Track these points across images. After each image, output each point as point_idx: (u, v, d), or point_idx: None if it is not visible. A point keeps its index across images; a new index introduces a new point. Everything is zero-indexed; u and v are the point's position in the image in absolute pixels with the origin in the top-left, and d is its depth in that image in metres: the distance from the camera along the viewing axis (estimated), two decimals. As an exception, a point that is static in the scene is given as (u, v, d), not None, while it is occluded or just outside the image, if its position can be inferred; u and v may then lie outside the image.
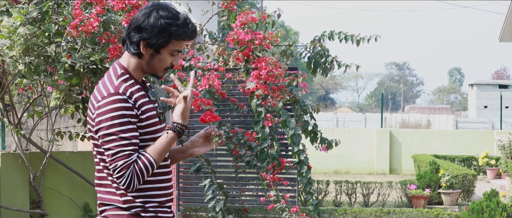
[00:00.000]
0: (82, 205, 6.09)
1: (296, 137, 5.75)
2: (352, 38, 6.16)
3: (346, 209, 8.26)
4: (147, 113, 2.44)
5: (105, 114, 2.36)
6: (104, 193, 2.47)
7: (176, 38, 2.42)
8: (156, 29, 2.39)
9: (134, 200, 2.44)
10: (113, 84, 2.41)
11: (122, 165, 2.35)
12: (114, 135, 2.35)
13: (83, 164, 6.10)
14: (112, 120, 2.35)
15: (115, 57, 5.02)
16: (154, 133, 2.45)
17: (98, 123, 2.38)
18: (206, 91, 5.82)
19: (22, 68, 5.01)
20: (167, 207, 2.52)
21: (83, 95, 5.61)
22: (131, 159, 2.36)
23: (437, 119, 27.77)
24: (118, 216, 2.44)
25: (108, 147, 2.36)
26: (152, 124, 2.45)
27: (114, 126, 2.35)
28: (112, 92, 2.38)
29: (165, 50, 2.44)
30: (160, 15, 2.40)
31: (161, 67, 2.48)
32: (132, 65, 2.48)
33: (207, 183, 5.45)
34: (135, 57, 2.46)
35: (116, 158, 2.36)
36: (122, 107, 2.36)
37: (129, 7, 5.22)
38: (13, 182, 5.71)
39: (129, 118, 2.37)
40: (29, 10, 4.97)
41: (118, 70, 2.46)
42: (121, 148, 2.35)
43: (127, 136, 2.36)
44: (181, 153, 2.61)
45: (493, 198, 6.49)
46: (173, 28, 2.40)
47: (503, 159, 13.84)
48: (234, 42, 5.86)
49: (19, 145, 5.65)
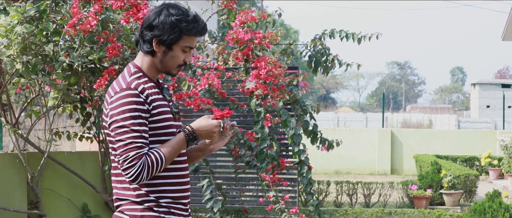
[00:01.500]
0: (80, 205, 6.05)
1: (297, 137, 5.70)
2: (353, 36, 6.11)
3: (347, 210, 8.20)
4: (159, 109, 2.50)
5: (117, 108, 2.44)
6: (120, 188, 2.53)
7: (187, 34, 2.51)
8: (167, 26, 2.49)
9: (147, 195, 2.50)
10: (126, 80, 2.50)
11: (134, 156, 2.41)
12: (125, 127, 2.43)
13: (81, 164, 6.05)
14: (123, 113, 2.43)
15: (114, 56, 4.98)
16: (167, 128, 2.52)
17: (111, 117, 2.46)
18: (205, 91, 5.77)
19: (19, 67, 4.96)
20: (182, 203, 2.57)
21: (82, 95, 5.57)
22: (142, 151, 2.43)
23: (439, 119, 27.73)
24: (132, 211, 2.50)
25: (120, 139, 2.44)
26: (165, 119, 2.51)
27: (126, 119, 2.43)
28: (124, 87, 2.47)
29: (177, 46, 2.52)
30: (170, 13, 2.50)
31: (174, 64, 2.56)
32: (146, 64, 2.56)
33: (205, 183, 5.41)
34: (148, 56, 2.55)
35: (127, 149, 2.42)
36: (134, 101, 2.44)
37: (128, 6, 5.18)
38: (11, 183, 5.66)
39: (140, 112, 2.45)
40: (26, 9, 4.93)
41: (132, 69, 2.55)
42: (133, 139, 2.42)
43: (138, 129, 2.43)
44: (200, 151, 2.70)
45: (495, 199, 6.44)
46: (183, 24, 2.49)
47: (506, 159, 13.78)
48: (233, 41, 5.82)
49: (17, 145, 5.60)
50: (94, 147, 6.42)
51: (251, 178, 7.75)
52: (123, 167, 2.43)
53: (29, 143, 5.81)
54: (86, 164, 6.09)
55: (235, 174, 7.24)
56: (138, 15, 5.11)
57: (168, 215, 2.51)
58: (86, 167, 6.07)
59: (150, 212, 2.49)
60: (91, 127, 5.92)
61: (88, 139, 6.10)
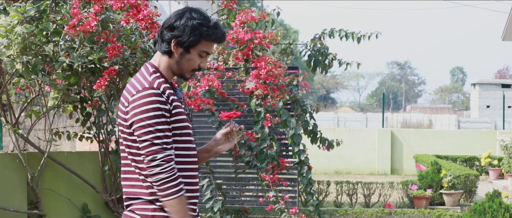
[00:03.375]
0: (80, 205, 6.05)
1: (297, 137, 5.70)
2: (353, 35, 6.11)
3: (347, 210, 8.20)
4: (177, 109, 2.54)
5: (141, 107, 2.45)
6: (130, 186, 2.54)
7: (206, 39, 2.54)
8: (188, 28, 2.52)
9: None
10: (147, 79, 2.51)
11: (163, 158, 2.43)
12: (150, 127, 2.44)
13: (81, 164, 6.05)
14: (148, 112, 2.44)
15: (114, 56, 4.98)
16: (183, 128, 2.55)
17: (134, 116, 2.46)
18: (206, 91, 5.77)
19: (19, 68, 4.96)
20: (192, 203, 2.58)
21: (82, 95, 5.57)
22: (169, 153, 2.44)
23: (439, 119, 27.73)
24: (144, 210, 2.50)
25: (145, 139, 2.44)
26: (181, 120, 2.55)
27: (150, 118, 2.44)
28: (147, 86, 2.48)
29: (195, 50, 2.55)
30: (192, 16, 2.54)
31: (189, 67, 2.58)
32: (163, 65, 2.58)
33: (205, 183, 5.41)
34: (165, 56, 2.57)
35: (154, 149, 2.43)
36: (157, 100, 2.46)
37: (128, 6, 5.18)
38: (11, 183, 5.66)
39: (163, 111, 2.47)
40: (26, 9, 4.93)
41: (150, 68, 2.56)
42: (158, 139, 2.44)
43: (163, 129, 2.45)
44: (206, 152, 2.72)
45: (495, 199, 6.44)
46: (204, 28, 2.53)
47: (506, 159, 13.78)
48: (233, 41, 5.82)
49: (17, 145, 5.60)
50: (94, 147, 6.41)
51: (251, 178, 7.74)
52: (149, 164, 2.43)
53: (29, 143, 5.81)
54: (86, 164, 6.08)
55: (235, 174, 7.24)
56: (138, 16, 5.11)
57: None
58: (86, 167, 6.07)
59: (161, 212, 2.49)
60: (91, 127, 5.92)
61: (88, 139, 6.10)
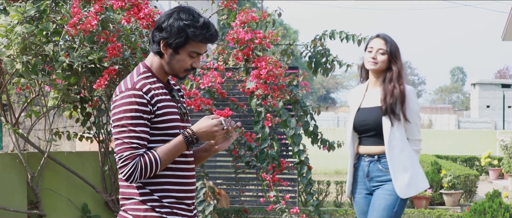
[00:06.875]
0: (80, 205, 6.04)
1: (297, 137, 5.69)
2: (354, 37, 6.11)
3: (347, 210, 8.20)
4: (165, 109, 2.51)
5: (119, 107, 2.46)
6: (125, 187, 2.54)
7: (194, 39, 2.50)
8: (174, 29, 2.49)
9: (151, 193, 2.51)
10: (133, 80, 2.52)
11: (128, 156, 2.43)
12: (124, 127, 2.44)
13: (81, 164, 6.05)
14: (124, 113, 2.45)
15: (114, 56, 4.97)
16: (172, 129, 2.53)
17: (112, 115, 2.48)
18: (205, 91, 5.77)
19: (19, 67, 4.96)
20: (186, 203, 2.57)
21: (82, 95, 5.56)
22: (137, 151, 2.44)
23: (439, 118, 27.70)
24: (136, 210, 2.51)
25: (117, 138, 2.46)
26: (170, 120, 2.52)
27: (125, 119, 2.44)
28: (130, 87, 2.48)
29: (183, 51, 2.52)
30: (180, 17, 2.50)
31: (180, 68, 2.56)
32: (155, 65, 2.57)
33: (198, 185, 5.40)
34: (157, 56, 2.56)
35: (122, 148, 2.44)
36: (136, 102, 2.45)
37: (129, 6, 5.17)
38: (11, 183, 5.66)
39: (141, 113, 2.46)
40: (26, 9, 4.92)
41: (141, 69, 2.57)
42: (129, 139, 2.44)
43: (136, 130, 2.44)
44: (205, 151, 2.70)
45: (495, 199, 6.43)
46: (191, 29, 2.49)
47: (506, 159, 13.78)
48: (234, 41, 5.81)
49: (17, 145, 5.60)
50: (94, 147, 6.41)
51: (251, 178, 7.74)
52: (118, 165, 2.46)
53: (29, 143, 5.81)
54: (86, 164, 6.08)
55: (235, 174, 7.24)
56: (139, 15, 5.10)
57: (171, 215, 2.52)
58: (86, 167, 6.06)
59: (153, 212, 2.49)
60: (91, 127, 5.92)
61: (88, 139, 6.09)
